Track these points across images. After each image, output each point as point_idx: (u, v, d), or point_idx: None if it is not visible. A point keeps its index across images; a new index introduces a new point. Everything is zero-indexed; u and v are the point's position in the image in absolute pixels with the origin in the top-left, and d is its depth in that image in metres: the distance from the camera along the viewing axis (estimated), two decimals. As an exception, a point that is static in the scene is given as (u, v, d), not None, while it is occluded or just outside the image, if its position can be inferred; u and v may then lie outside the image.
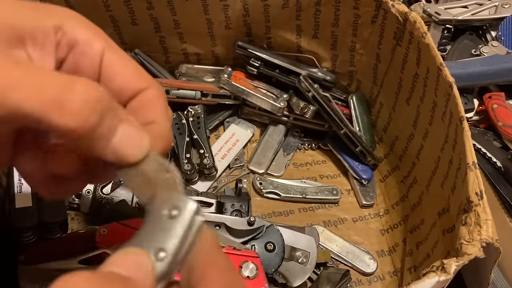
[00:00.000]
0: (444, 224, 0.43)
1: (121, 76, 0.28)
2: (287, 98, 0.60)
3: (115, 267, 0.21)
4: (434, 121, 0.49)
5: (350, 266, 0.53)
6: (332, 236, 0.55)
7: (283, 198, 0.58)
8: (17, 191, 0.45)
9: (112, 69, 0.27)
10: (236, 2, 0.56)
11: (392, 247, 0.56)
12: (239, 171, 0.60)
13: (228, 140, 0.62)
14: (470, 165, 0.38)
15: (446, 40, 0.68)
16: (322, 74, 0.60)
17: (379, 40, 0.55)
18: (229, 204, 0.52)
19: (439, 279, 0.33)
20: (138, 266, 0.21)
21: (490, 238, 0.34)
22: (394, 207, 0.58)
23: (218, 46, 0.61)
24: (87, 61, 0.26)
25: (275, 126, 0.64)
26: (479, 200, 0.36)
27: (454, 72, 0.53)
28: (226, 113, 0.64)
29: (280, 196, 0.58)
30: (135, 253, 0.21)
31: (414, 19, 0.48)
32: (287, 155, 0.63)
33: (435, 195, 0.48)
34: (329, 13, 0.56)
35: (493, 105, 0.60)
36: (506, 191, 0.53)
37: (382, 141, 0.63)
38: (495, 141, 0.59)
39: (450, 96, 0.43)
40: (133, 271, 0.21)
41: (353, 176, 0.60)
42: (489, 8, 0.70)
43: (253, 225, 0.47)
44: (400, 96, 0.56)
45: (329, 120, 0.58)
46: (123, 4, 0.54)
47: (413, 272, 0.49)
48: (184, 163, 0.55)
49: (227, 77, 0.59)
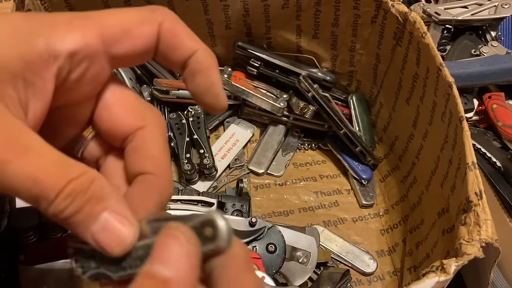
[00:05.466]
0: (444, 224, 0.43)
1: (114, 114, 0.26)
2: (287, 98, 0.60)
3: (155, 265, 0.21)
4: (434, 121, 0.49)
5: (350, 266, 0.53)
6: (332, 236, 0.55)
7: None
8: (17, 191, 0.45)
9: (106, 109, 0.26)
10: (236, 2, 0.56)
11: (392, 247, 0.56)
12: (239, 171, 0.60)
13: (228, 140, 0.62)
14: (470, 165, 0.38)
15: (446, 40, 0.68)
16: (322, 74, 0.60)
17: (379, 40, 0.55)
18: (230, 204, 0.52)
19: (438, 279, 0.33)
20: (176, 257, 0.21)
21: (489, 238, 0.34)
22: (394, 207, 0.58)
23: (218, 46, 0.61)
24: (91, 63, 0.24)
25: (275, 126, 0.64)
26: (479, 200, 0.36)
27: (453, 72, 0.53)
28: (226, 113, 0.64)
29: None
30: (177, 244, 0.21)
31: (414, 19, 0.48)
32: (287, 155, 0.63)
33: (434, 195, 0.48)
34: (329, 13, 0.56)
35: (492, 105, 0.60)
36: (506, 191, 0.53)
37: (382, 141, 0.63)
38: (495, 141, 0.59)
39: (449, 96, 0.43)
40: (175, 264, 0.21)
41: (353, 176, 0.60)
42: (489, 8, 0.70)
43: (255, 226, 0.47)
44: (400, 96, 0.56)
45: (329, 120, 0.58)
46: (123, 4, 0.54)
47: (413, 272, 0.49)
48: (184, 163, 0.55)
49: (227, 77, 0.59)
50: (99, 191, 0.22)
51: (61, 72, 0.23)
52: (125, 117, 0.26)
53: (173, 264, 0.21)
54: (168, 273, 0.20)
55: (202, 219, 0.21)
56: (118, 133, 0.26)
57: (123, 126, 0.26)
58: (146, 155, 0.26)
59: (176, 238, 0.21)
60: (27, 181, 0.20)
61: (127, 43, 0.24)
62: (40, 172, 0.21)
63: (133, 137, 0.26)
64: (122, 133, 0.26)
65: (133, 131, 0.26)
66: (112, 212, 0.22)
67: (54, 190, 0.21)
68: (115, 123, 0.26)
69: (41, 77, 0.22)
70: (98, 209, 0.22)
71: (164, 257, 0.21)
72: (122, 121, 0.26)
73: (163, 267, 0.21)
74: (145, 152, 0.26)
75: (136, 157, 0.26)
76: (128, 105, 0.26)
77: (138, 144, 0.26)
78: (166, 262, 0.21)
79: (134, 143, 0.26)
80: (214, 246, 0.21)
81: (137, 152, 0.26)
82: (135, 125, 0.26)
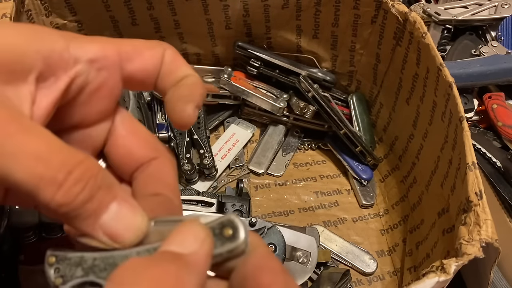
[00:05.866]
0: (444, 224, 0.43)
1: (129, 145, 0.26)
2: (287, 98, 0.60)
3: (171, 245, 0.20)
4: (434, 121, 0.49)
5: (350, 266, 0.53)
6: (332, 236, 0.55)
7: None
8: (17, 191, 0.45)
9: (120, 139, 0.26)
10: (236, 2, 0.56)
11: (392, 247, 0.56)
12: (239, 171, 0.60)
13: (228, 140, 0.62)
14: (470, 165, 0.38)
15: (446, 40, 0.68)
16: (322, 74, 0.60)
17: (379, 40, 0.55)
18: (230, 204, 0.52)
19: (438, 279, 0.33)
20: (192, 238, 0.20)
21: (489, 238, 0.34)
22: (394, 207, 0.58)
23: (218, 46, 0.61)
24: (108, 76, 0.25)
25: (275, 126, 0.64)
26: (479, 200, 0.36)
27: (454, 72, 0.53)
28: (226, 113, 0.64)
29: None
30: (186, 225, 0.21)
31: (414, 19, 0.48)
32: (287, 155, 0.63)
33: (434, 195, 0.48)
34: (329, 13, 0.56)
35: (493, 105, 0.60)
36: (506, 191, 0.53)
37: (382, 141, 0.63)
38: (495, 141, 0.59)
39: (449, 96, 0.43)
40: (187, 244, 0.20)
41: (353, 176, 0.60)
42: (489, 8, 0.70)
43: (255, 226, 0.47)
44: (400, 96, 0.56)
45: (329, 120, 0.58)
46: (123, 4, 0.54)
47: (413, 272, 0.49)
48: (184, 163, 0.55)
49: (227, 77, 0.59)
50: (108, 178, 0.21)
51: (79, 78, 0.24)
52: (140, 147, 0.27)
53: (187, 246, 0.20)
54: (183, 251, 0.20)
55: (222, 220, 0.21)
56: (132, 162, 0.27)
57: (139, 155, 0.27)
58: (161, 182, 0.26)
59: (191, 228, 0.21)
60: (29, 158, 0.18)
61: (139, 61, 0.26)
62: (45, 149, 0.19)
63: (147, 167, 0.27)
64: (136, 163, 0.27)
65: (147, 161, 0.27)
66: (122, 201, 0.21)
67: (62, 170, 0.19)
68: (131, 153, 0.27)
69: (56, 76, 0.23)
70: (109, 197, 0.21)
71: (179, 240, 0.20)
72: (138, 151, 0.27)
73: (178, 246, 0.20)
74: (160, 180, 0.26)
75: (150, 182, 0.26)
76: (142, 136, 0.27)
77: (153, 173, 0.26)
78: (181, 243, 0.20)
79: (148, 172, 0.26)
80: (233, 246, 0.21)
81: (151, 179, 0.26)
82: (149, 156, 0.27)
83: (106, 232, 0.21)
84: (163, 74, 0.27)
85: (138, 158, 0.27)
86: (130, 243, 0.21)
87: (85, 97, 0.24)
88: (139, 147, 0.27)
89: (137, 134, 0.27)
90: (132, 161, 0.27)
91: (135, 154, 0.27)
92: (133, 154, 0.27)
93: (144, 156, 0.27)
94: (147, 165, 0.27)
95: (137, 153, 0.27)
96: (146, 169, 0.27)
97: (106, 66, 0.24)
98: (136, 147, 0.27)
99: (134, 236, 0.22)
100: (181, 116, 0.26)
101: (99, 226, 0.21)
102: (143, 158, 0.27)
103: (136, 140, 0.27)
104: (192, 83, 0.27)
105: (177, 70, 0.27)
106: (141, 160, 0.27)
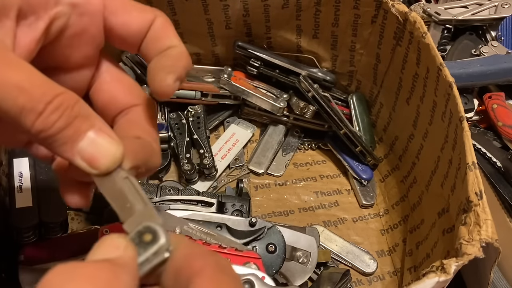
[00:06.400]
0: (444, 224, 0.43)
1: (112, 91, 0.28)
2: (287, 98, 0.60)
3: (97, 255, 0.21)
4: (434, 121, 0.49)
5: (350, 266, 0.53)
6: (332, 236, 0.55)
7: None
8: (17, 191, 0.45)
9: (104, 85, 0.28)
10: (236, 2, 0.56)
11: (392, 247, 0.56)
12: (239, 171, 0.60)
13: (228, 140, 0.62)
14: (470, 165, 0.38)
15: (446, 40, 0.68)
16: (322, 74, 0.60)
17: (379, 40, 0.55)
18: (230, 204, 0.52)
19: (439, 279, 0.33)
20: (114, 247, 0.21)
21: (489, 238, 0.34)
22: (394, 207, 0.58)
23: (218, 46, 0.61)
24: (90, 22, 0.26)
25: (275, 126, 0.64)
26: (479, 200, 0.36)
27: (454, 72, 0.53)
28: (226, 113, 0.64)
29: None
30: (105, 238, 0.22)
31: (414, 19, 0.48)
32: (287, 155, 0.63)
33: (435, 195, 0.48)
34: (329, 13, 0.56)
35: (493, 105, 0.60)
36: (506, 191, 0.53)
37: (382, 141, 0.63)
38: (495, 141, 0.59)
39: (450, 96, 0.43)
40: (111, 253, 0.21)
41: (353, 176, 0.60)
42: (489, 8, 0.69)
43: (255, 226, 0.47)
44: (400, 96, 0.56)
45: (329, 120, 0.58)
46: (123, 4, 0.54)
47: (413, 272, 0.49)
48: (184, 163, 0.55)
49: (227, 77, 0.59)
50: (85, 109, 0.23)
51: (59, 20, 0.24)
52: (124, 93, 0.28)
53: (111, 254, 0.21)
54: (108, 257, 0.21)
55: (138, 229, 0.22)
56: (115, 107, 0.28)
57: (122, 101, 0.28)
58: (142, 127, 0.28)
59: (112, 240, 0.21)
60: (13, 89, 0.20)
61: (123, 18, 0.27)
62: (27, 82, 0.21)
63: (128, 112, 0.28)
64: (119, 107, 0.28)
65: (129, 107, 0.28)
66: (98, 130, 0.23)
67: (42, 100, 0.21)
68: (114, 98, 0.28)
69: (37, 15, 0.24)
70: (86, 126, 0.23)
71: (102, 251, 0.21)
72: (121, 97, 0.28)
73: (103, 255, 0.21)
74: (141, 125, 0.28)
75: (130, 127, 0.27)
76: (126, 84, 0.29)
77: (134, 118, 0.28)
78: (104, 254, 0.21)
79: (129, 117, 0.28)
80: (156, 247, 0.22)
81: (132, 123, 0.28)
82: (131, 102, 0.28)
83: (84, 157, 0.23)
84: (149, 39, 0.27)
85: (121, 103, 0.28)
86: (106, 169, 0.23)
87: (67, 40, 0.25)
88: (123, 93, 0.28)
89: (122, 81, 0.29)
90: (115, 106, 0.28)
91: (118, 100, 0.28)
92: (116, 100, 0.28)
93: (126, 102, 0.28)
94: (129, 110, 0.28)
95: (120, 99, 0.28)
96: (127, 114, 0.28)
97: (88, 12, 0.25)
98: (120, 93, 0.28)
99: (110, 163, 0.23)
100: (160, 85, 0.26)
101: (77, 151, 0.22)
102: (125, 104, 0.28)
103: (120, 87, 0.28)
104: (177, 53, 0.27)
105: (164, 38, 0.27)
106: (124, 105, 0.28)
